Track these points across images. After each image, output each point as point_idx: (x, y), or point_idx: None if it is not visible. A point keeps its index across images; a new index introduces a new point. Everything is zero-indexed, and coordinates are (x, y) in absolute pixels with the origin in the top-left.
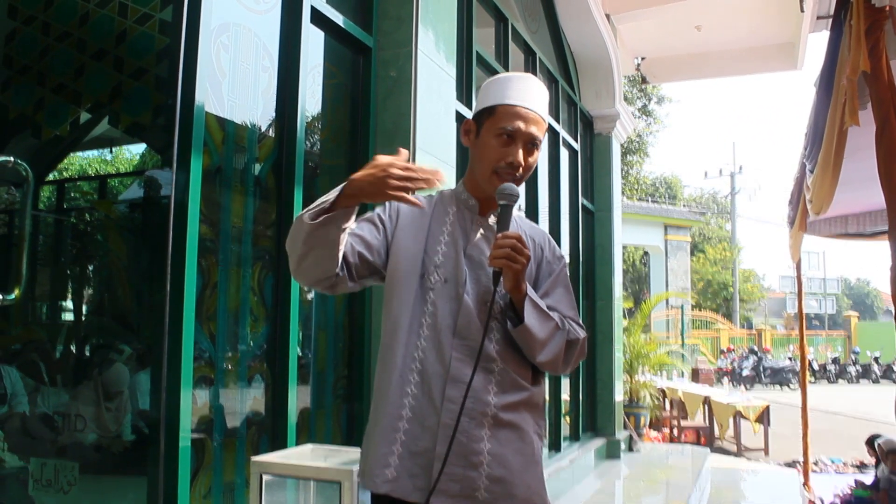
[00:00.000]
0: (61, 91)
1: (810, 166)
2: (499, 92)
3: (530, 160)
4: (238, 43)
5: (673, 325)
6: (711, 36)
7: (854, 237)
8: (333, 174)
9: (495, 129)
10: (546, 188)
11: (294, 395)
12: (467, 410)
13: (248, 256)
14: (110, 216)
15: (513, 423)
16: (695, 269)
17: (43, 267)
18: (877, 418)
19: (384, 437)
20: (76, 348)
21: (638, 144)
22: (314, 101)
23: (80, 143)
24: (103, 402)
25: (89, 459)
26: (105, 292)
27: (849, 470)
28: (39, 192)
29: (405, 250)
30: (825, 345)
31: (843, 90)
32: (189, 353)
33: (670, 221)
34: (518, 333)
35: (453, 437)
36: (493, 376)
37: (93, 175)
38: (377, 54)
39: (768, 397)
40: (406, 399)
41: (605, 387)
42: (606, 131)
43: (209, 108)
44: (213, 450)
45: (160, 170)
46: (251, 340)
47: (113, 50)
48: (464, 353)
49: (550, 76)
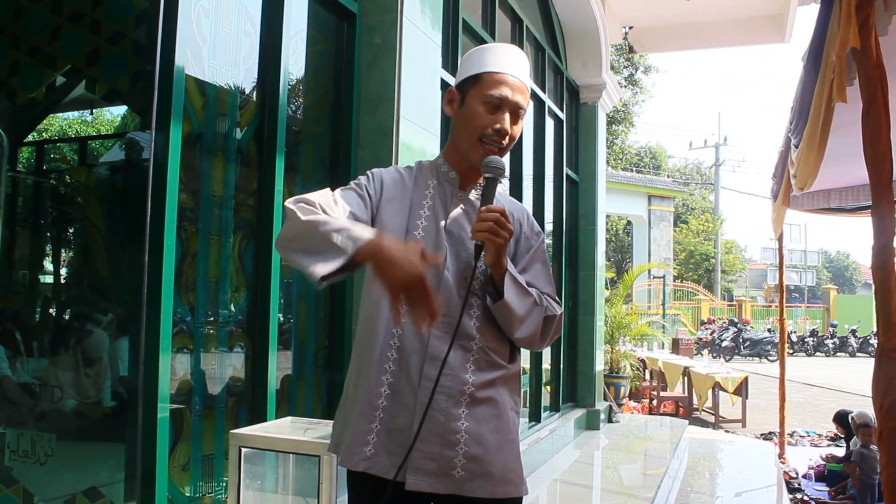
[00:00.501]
0: (36, 54)
1: (795, 141)
2: (484, 60)
3: (515, 129)
4: (219, 7)
5: (654, 295)
6: (700, 6)
7: (836, 212)
8: (316, 141)
9: (482, 97)
10: (531, 158)
11: (274, 365)
12: (445, 388)
13: (229, 225)
14: (88, 182)
15: (490, 400)
16: (677, 240)
17: (21, 230)
18: (852, 390)
19: (363, 415)
20: (54, 315)
21: (624, 114)
22: (297, 67)
23: (56, 107)
24: (83, 368)
25: (68, 427)
26: (83, 258)
27: (823, 442)
28: (18, 155)
29: (389, 226)
30: (804, 317)
31: (832, 66)
32: (168, 325)
33: (654, 192)
34: (498, 309)
35: (425, 415)
36: (471, 354)
37: (70, 138)
38: (362, 20)
39: (747, 368)
40: (385, 376)
41: (586, 357)
42: (592, 101)
43: (189, 73)
44: (191, 421)
45: (140, 132)
46: (231, 310)
47: (90, 13)
48: (443, 331)
49: (537, 45)
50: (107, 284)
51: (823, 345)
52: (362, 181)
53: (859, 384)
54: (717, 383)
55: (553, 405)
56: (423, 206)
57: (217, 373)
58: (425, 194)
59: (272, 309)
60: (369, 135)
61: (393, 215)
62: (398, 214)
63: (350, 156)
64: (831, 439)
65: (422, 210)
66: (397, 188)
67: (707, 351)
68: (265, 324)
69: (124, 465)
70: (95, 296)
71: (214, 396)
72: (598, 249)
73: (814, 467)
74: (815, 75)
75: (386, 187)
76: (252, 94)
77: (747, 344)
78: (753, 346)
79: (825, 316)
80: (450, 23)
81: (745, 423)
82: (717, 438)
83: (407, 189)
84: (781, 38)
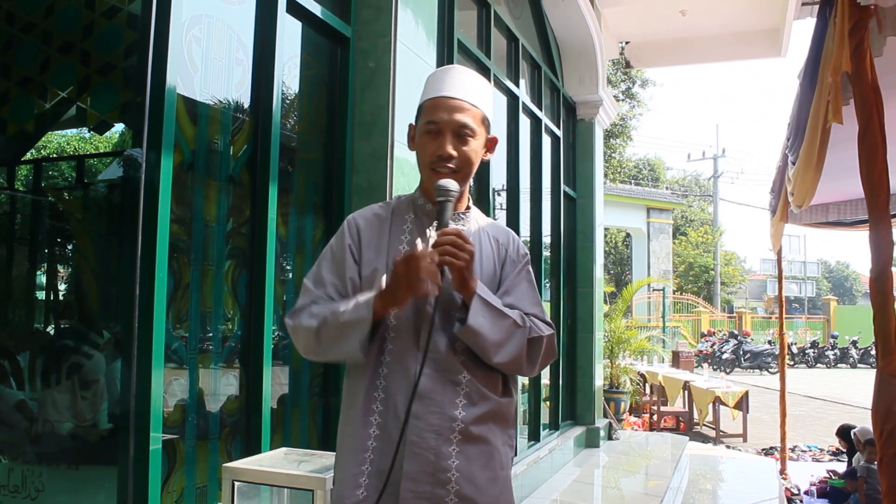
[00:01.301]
0: (27, 85)
1: (792, 158)
2: (425, 89)
3: (464, 149)
4: (211, 36)
5: (654, 307)
6: (696, 21)
7: (834, 226)
8: (310, 167)
9: (424, 126)
10: (528, 175)
11: (268, 394)
12: (433, 426)
13: (222, 253)
14: (79, 209)
15: (481, 437)
16: (677, 252)
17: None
18: (853, 402)
19: (354, 457)
20: (48, 343)
21: (621, 128)
22: (290, 93)
23: (46, 137)
24: (79, 391)
25: (60, 454)
26: (74, 294)
27: (825, 457)
28: (16, 174)
29: (368, 266)
30: (805, 328)
31: (828, 87)
32: (160, 358)
33: (653, 204)
34: (464, 334)
35: (398, 448)
36: (461, 388)
37: (58, 159)
38: (355, 44)
39: (748, 381)
40: (373, 417)
41: (585, 374)
42: (589, 117)
43: (180, 103)
44: (185, 451)
45: (131, 162)
46: (225, 339)
47: (80, 43)
48: (430, 368)
49: (533, 62)
50: (97, 314)
51: (824, 356)
52: (336, 242)
53: (861, 396)
54: (717, 398)
55: (552, 423)
56: (401, 241)
57: (211, 402)
58: (403, 229)
59: (266, 337)
60: (364, 159)
61: (372, 257)
62: (377, 254)
63: (344, 180)
64: (833, 454)
65: (401, 245)
66: (373, 230)
67: (707, 364)
68: (259, 352)
69: (116, 497)
70: (86, 325)
71: (208, 426)
72: (596, 266)
73: (815, 483)
74: (812, 94)
75: (362, 233)
76: (244, 122)
77: (748, 356)
78: (754, 358)
79: (826, 327)
80: (444, 44)
81: (747, 437)
82: (718, 454)
83: (385, 226)
84: (778, 52)
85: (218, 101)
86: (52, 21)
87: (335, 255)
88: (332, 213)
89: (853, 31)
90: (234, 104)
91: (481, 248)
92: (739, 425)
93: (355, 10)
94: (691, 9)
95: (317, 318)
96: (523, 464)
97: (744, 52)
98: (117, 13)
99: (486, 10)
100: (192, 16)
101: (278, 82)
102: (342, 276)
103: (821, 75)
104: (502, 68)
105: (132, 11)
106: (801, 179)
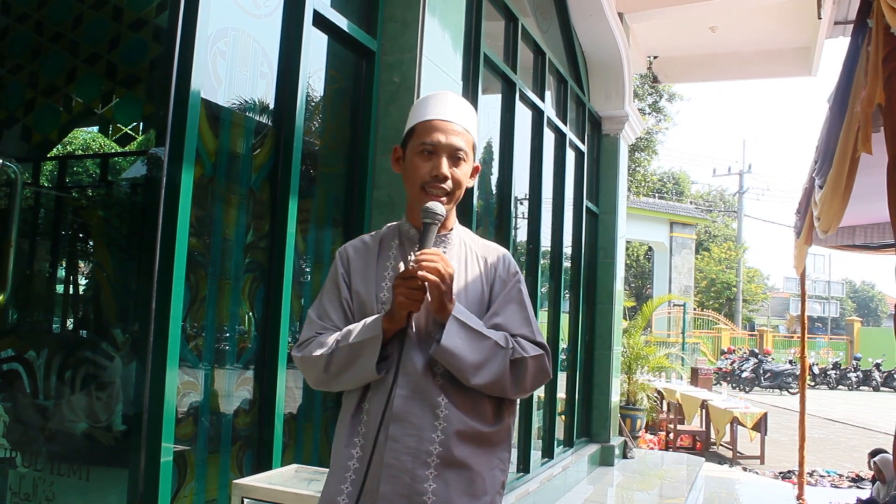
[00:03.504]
0: (52, 94)
1: (819, 182)
2: (417, 112)
3: (457, 172)
4: (236, 49)
5: (674, 322)
6: (726, 37)
7: (860, 249)
8: (331, 182)
9: (417, 147)
10: (550, 190)
11: (282, 410)
12: (409, 449)
13: (240, 267)
14: (99, 221)
15: (461, 462)
16: (699, 268)
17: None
18: (876, 427)
19: (336, 477)
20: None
21: (647, 142)
22: (314, 107)
23: (69, 146)
24: (94, 392)
25: (71, 462)
26: (91, 310)
27: (844, 483)
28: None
29: (357, 295)
30: (827, 349)
31: (857, 116)
32: (174, 372)
33: (676, 218)
34: (438, 354)
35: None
36: (440, 411)
37: (80, 179)
38: (381, 58)
39: (767, 401)
40: (356, 438)
41: (602, 391)
42: (614, 132)
43: (203, 116)
44: (195, 464)
45: (150, 179)
46: (240, 352)
47: (106, 55)
48: (409, 390)
49: (560, 77)
50: (112, 327)
51: (846, 378)
52: (331, 272)
53: (884, 421)
54: (735, 418)
55: (567, 440)
56: (387, 268)
57: (224, 414)
58: (388, 256)
59: (281, 351)
60: (385, 175)
61: (360, 286)
62: (364, 284)
63: (365, 196)
64: (852, 480)
65: (386, 272)
66: (360, 260)
67: (727, 382)
68: (273, 366)
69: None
70: (101, 336)
71: (220, 438)
72: (616, 282)
73: None
74: (841, 120)
75: (352, 263)
76: (267, 135)
77: (768, 375)
78: (774, 377)
79: (848, 348)
80: (470, 58)
81: (764, 459)
82: (735, 477)
83: (372, 255)
84: (808, 71)
85: (241, 114)
86: (79, 32)
87: (332, 287)
88: (352, 229)
89: (886, 61)
90: (257, 117)
91: (466, 270)
92: (757, 447)
93: (381, 24)
94: (721, 25)
95: (326, 346)
96: (536, 481)
97: (773, 70)
98: (144, 26)
99: (513, 24)
100: (218, 29)
101: (302, 96)
102: (341, 306)
103: (851, 102)
104: (528, 82)
105: (159, 24)
106: (827, 206)
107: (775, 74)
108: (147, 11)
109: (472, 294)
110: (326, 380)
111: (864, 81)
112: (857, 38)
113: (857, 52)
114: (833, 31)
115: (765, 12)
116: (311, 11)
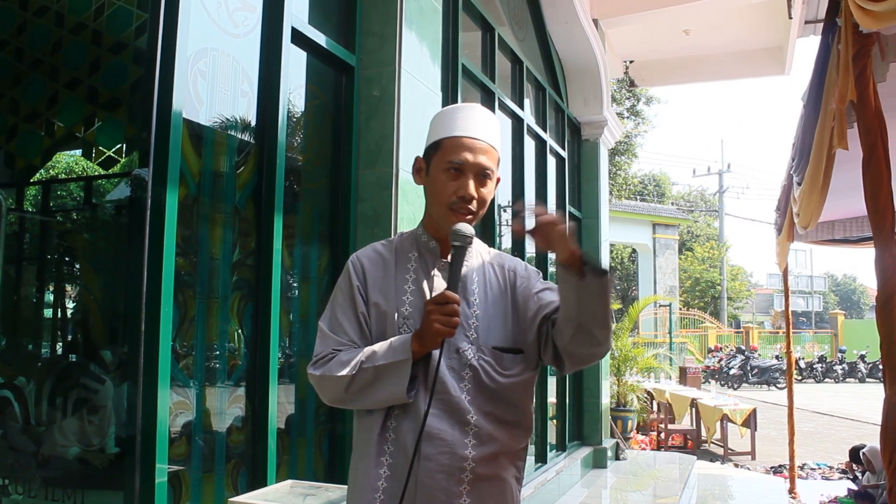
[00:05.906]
0: (34, 120)
1: (797, 179)
2: (444, 125)
3: (483, 192)
4: (216, 68)
5: (661, 323)
6: (700, 40)
7: (840, 243)
8: (315, 197)
9: (443, 164)
10: (533, 196)
11: (274, 426)
12: (443, 466)
13: (227, 285)
14: (84, 244)
15: (492, 475)
16: (683, 268)
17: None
18: (863, 418)
19: (364, 496)
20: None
21: (626, 146)
22: (295, 123)
23: (54, 171)
24: (86, 416)
25: (64, 486)
26: (80, 334)
27: (834, 475)
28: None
29: (375, 307)
30: (812, 343)
31: (832, 113)
32: (165, 392)
33: (658, 220)
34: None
35: (406, 486)
36: (469, 429)
37: (64, 203)
38: (360, 73)
39: (755, 397)
40: (384, 457)
41: (592, 395)
42: (594, 137)
43: (186, 137)
44: (190, 484)
45: (135, 201)
46: (231, 370)
47: (87, 79)
48: (439, 408)
49: (538, 84)
50: (102, 350)
51: (832, 371)
52: (344, 283)
53: (870, 411)
54: (725, 415)
55: (559, 444)
56: (406, 282)
57: (217, 433)
58: (407, 268)
59: (272, 367)
60: (368, 188)
61: (379, 297)
62: (383, 296)
63: (349, 210)
64: (842, 472)
65: (406, 285)
66: (378, 270)
67: (715, 380)
68: (265, 382)
69: None
70: (90, 359)
71: (214, 457)
72: None
73: (825, 503)
74: (816, 118)
75: (368, 273)
76: (250, 153)
77: (755, 371)
78: (762, 373)
79: (833, 341)
80: (449, 69)
81: (755, 454)
82: (727, 473)
83: (389, 266)
84: (781, 70)
85: (223, 133)
86: (59, 57)
87: (346, 299)
88: (338, 243)
89: (856, 58)
90: (240, 135)
91: (486, 280)
92: (748, 443)
93: (360, 38)
94: (694, 28)
95: (348, 366)
96: (531, 487)
97: (747, 70)
98: (124, 49)
99: (490, 34)
100: (198, 49)
101: (283, 113)
102: (357, 320)
103: (825, 100)
104: (507, 91)
105: (138, 47)
106: (806, 201)
107: (750, 74)
108: (126, 34)
109: (494, 302)
110: (345, 399)
111: (836, 79)
112: (827, 36)
113: (828, 51)
114: (804, 31)
115: (737, 14)
116: (289, 29)
